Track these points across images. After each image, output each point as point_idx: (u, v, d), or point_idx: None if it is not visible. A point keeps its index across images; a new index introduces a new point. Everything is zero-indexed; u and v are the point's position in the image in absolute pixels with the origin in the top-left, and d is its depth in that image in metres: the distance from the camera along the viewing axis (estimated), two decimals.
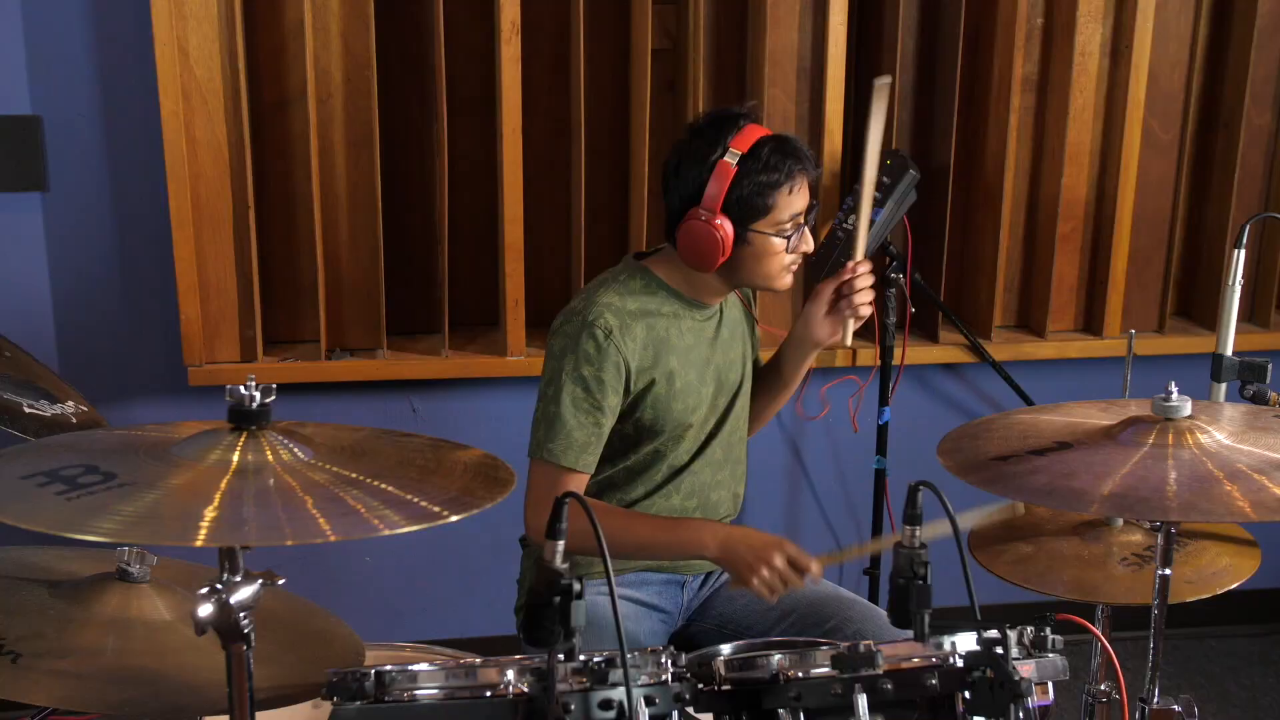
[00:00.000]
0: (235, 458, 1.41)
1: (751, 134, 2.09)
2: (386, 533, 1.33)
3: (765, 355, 2.40)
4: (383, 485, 1.42)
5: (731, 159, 2.06)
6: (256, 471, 1.39)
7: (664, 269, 2.18)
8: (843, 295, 2.22)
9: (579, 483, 2.11)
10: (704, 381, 2.20)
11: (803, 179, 2.11)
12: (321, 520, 1.32)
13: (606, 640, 1.97)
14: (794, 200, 2.10)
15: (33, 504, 1.32)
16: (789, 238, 2.12)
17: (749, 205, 2.08)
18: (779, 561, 1.98)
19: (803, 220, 2.14)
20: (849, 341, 2.28)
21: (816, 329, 2.25)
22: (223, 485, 1.36)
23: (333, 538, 1.30)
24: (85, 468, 1.39)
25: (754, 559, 2.00)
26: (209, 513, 1.31)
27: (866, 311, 2.24)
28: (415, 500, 1.39)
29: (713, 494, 2.26)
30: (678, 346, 2.16)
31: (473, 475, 1.51)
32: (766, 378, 2.38)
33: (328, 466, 1.43)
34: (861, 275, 2.22)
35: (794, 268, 2.17)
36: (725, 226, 2.08)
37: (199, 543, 1.27)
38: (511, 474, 1.53)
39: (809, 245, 2.17)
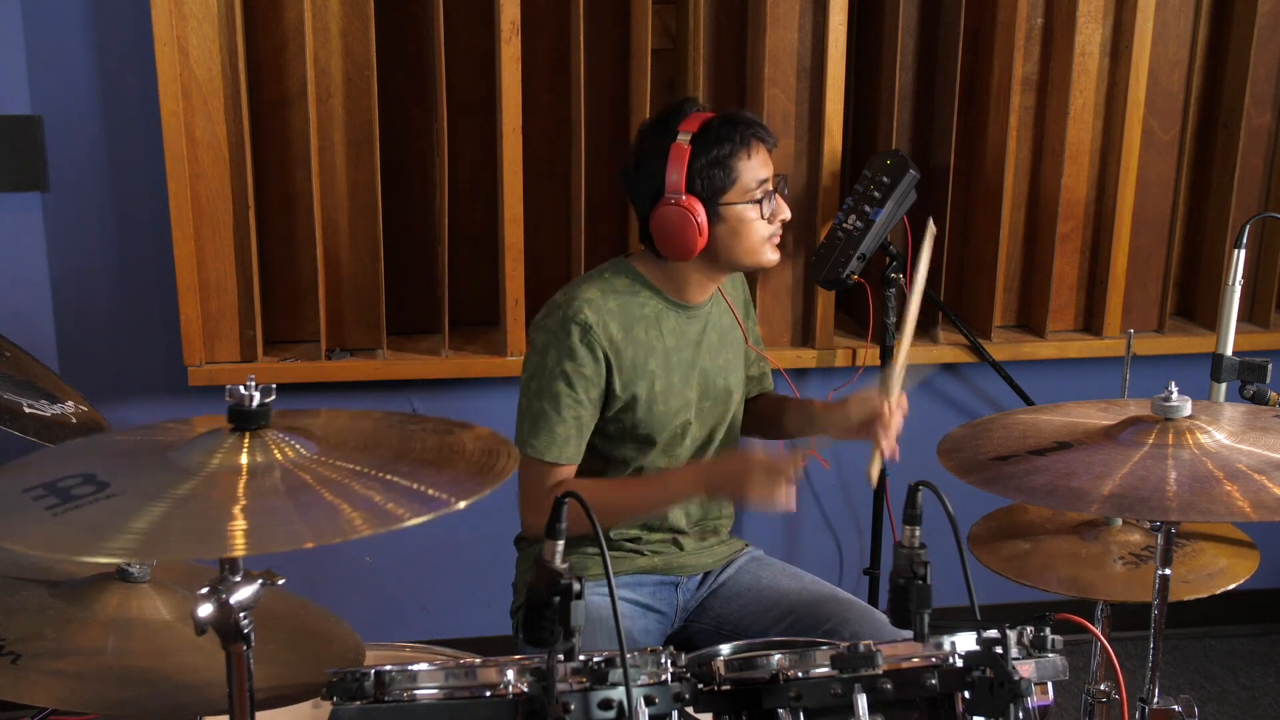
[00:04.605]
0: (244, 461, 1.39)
1: (698, 118, 2.10)
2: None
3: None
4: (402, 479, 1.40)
5: (684, 139, 2.08)
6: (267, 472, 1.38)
7: (647, 267, 2.18)
8: (877, 425, 2.13)
9: (564, 474, 2.12)
10: (688, 385, 2.20)
11: (759, 145, 2.11)
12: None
13: (602, 639, 1.98)
14: (755, 166, 2.10)
15: (46, 526, 1.29)
16: (760, 203, 2.11)
17: (712, 179, 2.08)
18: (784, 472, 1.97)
19: (772, 188, 2.12)
20: (874, 481, 2.16)
21: (840, 432, 2.21)
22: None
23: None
24: (84, 477, 1.37)
25: (753, 483, 1.99)
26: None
27: (891, 453, 2.14)
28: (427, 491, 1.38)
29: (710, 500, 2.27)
30: (658, 349, 2.16)
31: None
32: (769, 421, 2.39)
33: (334, 461, 1.42)
34: (897, 416, 2.14)
35: (776, 239, 2.15)
36: (695, 206, 2.07)
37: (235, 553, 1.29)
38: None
39: (786, 213, 2.15)
